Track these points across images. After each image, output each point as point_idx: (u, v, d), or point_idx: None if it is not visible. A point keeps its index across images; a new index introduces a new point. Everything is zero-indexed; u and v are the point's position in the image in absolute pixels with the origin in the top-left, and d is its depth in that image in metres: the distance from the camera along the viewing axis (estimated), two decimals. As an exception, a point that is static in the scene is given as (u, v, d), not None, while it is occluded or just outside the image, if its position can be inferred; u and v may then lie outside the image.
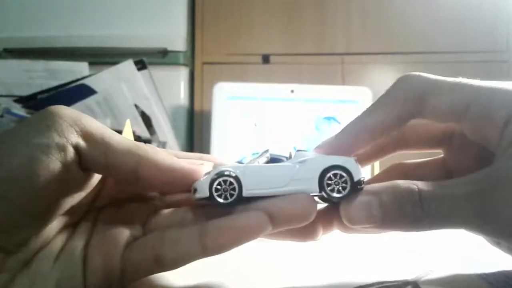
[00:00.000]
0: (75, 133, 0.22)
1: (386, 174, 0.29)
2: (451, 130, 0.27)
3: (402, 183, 0.23)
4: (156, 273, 0.24)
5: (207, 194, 0.23)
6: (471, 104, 0.23)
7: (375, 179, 0.29)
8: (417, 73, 0.25)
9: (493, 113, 0.23)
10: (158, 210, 0.26)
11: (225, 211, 0.23)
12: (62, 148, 0.21)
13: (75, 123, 0.22)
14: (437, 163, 0.29)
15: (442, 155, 0.29)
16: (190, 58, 1.26)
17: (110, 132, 0.23)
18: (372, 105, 0.26)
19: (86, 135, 0.22)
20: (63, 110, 0.22)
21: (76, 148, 0.22)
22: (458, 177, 0.23)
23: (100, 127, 0.23)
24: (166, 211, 0.26)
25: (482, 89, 0.24)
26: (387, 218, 0.23)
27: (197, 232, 0.23)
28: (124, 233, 0.24)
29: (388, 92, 0.26)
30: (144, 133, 0.90)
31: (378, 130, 0.25)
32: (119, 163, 0.23)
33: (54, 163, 0.21)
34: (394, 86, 0.26)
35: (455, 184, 0.23)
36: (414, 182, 0.23)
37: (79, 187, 0.23)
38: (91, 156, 0.22)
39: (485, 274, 0.25)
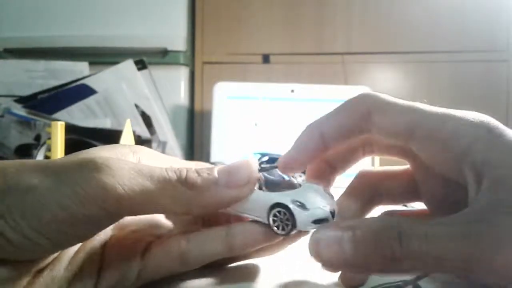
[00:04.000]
0: (113, 210, 0.20)
1: (355, 185, 0.29)
2: None
3: (379, 217, 0.23)
4: (177, 272, 0.24)
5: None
6: (417, 128, 0.23)
7: (346, 191, 0.29)
8: (373, 92, 0.26)
9: (447, 141, 0.22)
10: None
11: None
12: (95, 217, 0.20)
13: (113, 201, 0.20)
14: (406, 173, 0.29)
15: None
16: (190, 58, 1.26)
17: (151, 190, 0.21)
18: (323, 116, 0.26)
19: (125, 207, 0.21)
20: (98, 181, 0.20)
21: (112, 218, 0.21)
22: (424, 189, 0.25)
23: (138, 187, 0.20)
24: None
25: (433, 115, 0.23)
26: (361, 255, 0.20)
27: (224, 232, 0.24)
28: (144, 235, 0.25)
29: (340, 106, 0.26)
30: (144, 132, 0.90)
31: (328, 140, 0.26)
32: (166, 211, 0.24)
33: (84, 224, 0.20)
34: (347, 101, 0.26)
35: (437, 223, 0.20)
36: (393, 217, 0.21)
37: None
38: (131, 214, 0.22)
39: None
